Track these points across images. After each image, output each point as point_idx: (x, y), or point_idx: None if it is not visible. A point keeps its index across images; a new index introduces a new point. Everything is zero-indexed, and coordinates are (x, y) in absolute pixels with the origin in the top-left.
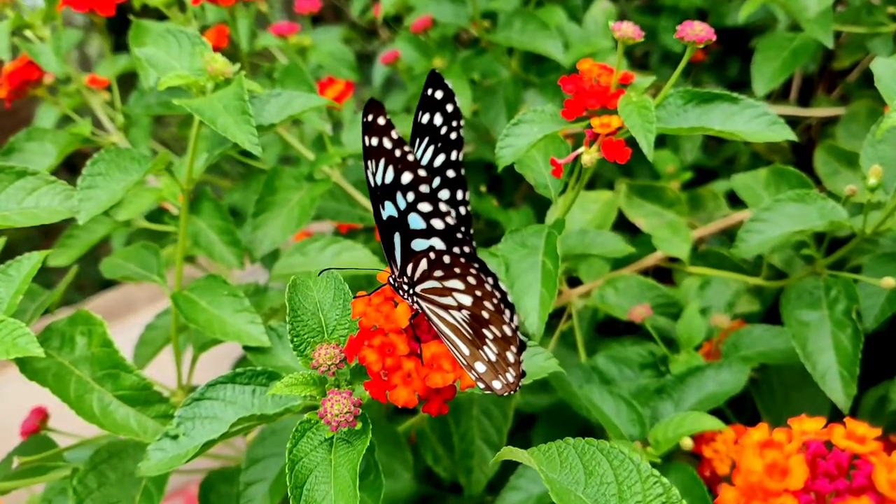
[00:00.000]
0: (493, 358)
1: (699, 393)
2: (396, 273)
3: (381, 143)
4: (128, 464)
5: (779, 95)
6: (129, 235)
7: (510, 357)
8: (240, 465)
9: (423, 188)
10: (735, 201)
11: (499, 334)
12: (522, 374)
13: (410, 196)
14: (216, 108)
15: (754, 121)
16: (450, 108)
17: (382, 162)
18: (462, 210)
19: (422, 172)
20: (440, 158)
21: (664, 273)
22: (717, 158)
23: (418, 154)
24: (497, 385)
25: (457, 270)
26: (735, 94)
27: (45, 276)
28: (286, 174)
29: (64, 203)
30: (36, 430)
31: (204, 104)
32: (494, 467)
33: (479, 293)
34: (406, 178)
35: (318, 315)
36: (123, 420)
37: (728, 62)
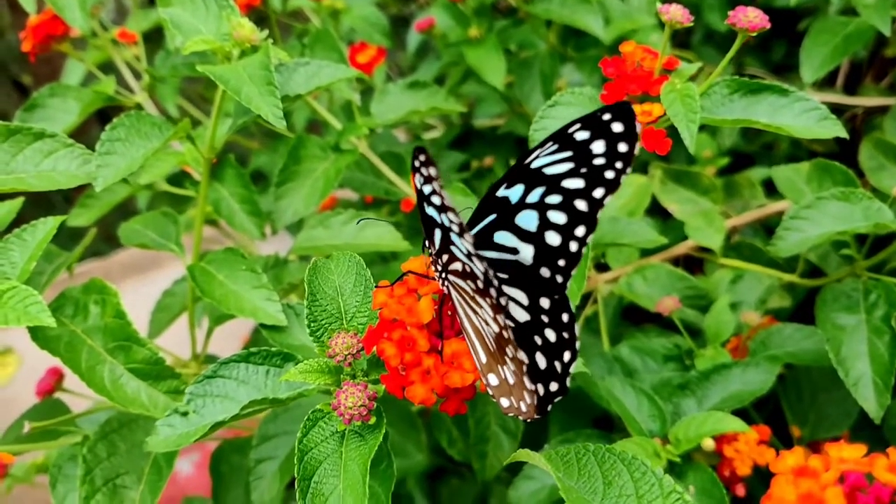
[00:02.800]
0: (511, 380)
1: (723, 391)
2: (434, 250)
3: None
4: (138, 434)
5: (824, 82)
6: (152, 197)
7: (528, 384)
8: (252, 436)
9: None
10: (772, 190)
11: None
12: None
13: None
14: (241, 76)
15: (804, 115)
16: (623, 147)
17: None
18: (573, 246)
19: (457, 240)
20: (576, 183)
21: (695, 262)
22: (756, 144)
23: (543, 160)
24: (522, 406)
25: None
26: (785, 86)
27: (72, 230)
28: (312, 143)
29: (81, 168)
30: (51, 390)
31: (228, 72)
32: (509, 454)
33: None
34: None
35: (337, 300)
36: (134, 394)
37: (773, 45)
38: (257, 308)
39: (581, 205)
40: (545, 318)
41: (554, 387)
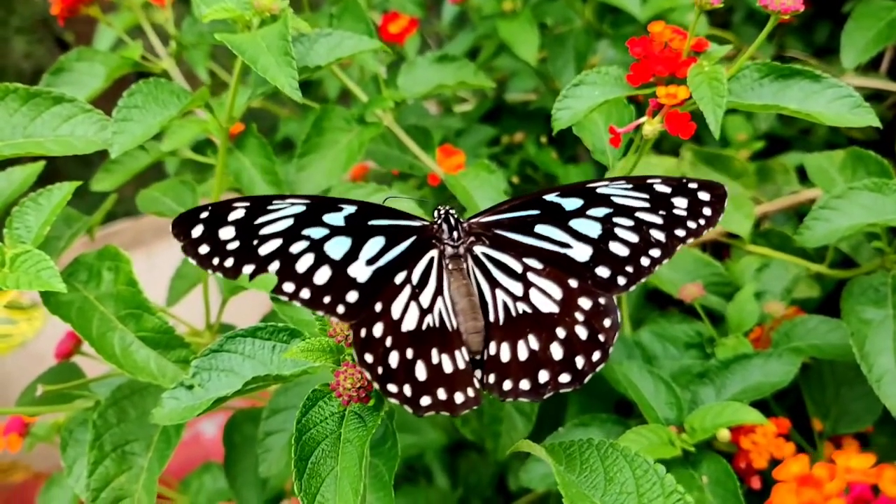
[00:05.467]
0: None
1: (743, 382)
2: None
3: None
4: (149, 402)
5: (867, 66)
6: (180, 164)
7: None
8: None
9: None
10: (806, 176)
11: None
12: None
13: None
14: (259, 46)
15: (836, 102)
16: (707, 212)
17: None
18: (645, 261)
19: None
20: (652, 218)
21: (723, 246)
22: (793, 128)
23: (613, 190)
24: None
25: None
26: (817, 72)
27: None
28: (336, 115)
29: (99, 133)
30: (69, 353)
31: (246, 41)
32: (523, 435)
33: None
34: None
35: None
36: (143, 362)
37: (817, 26)
38: (268, 279)
39: (658, 235)
40: (579, 317)
41: (565, 378)
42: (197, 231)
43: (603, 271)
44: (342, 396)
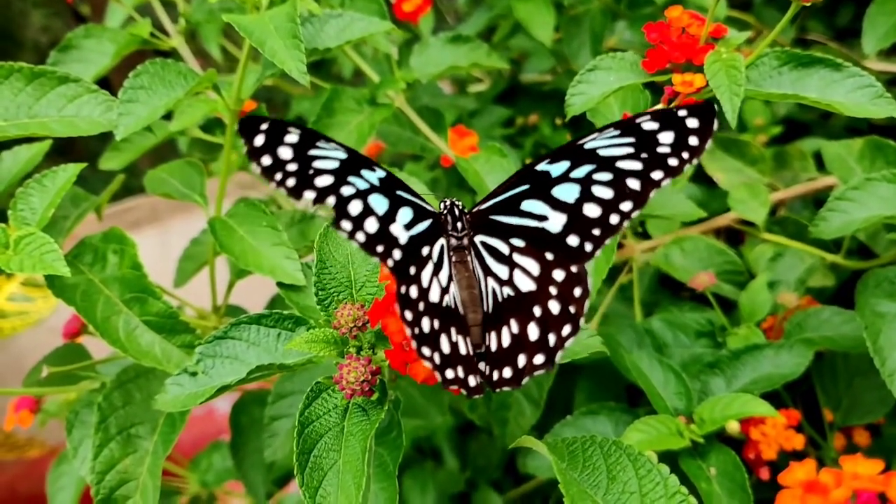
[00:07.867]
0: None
1: (754, 373)
2: None
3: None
4: (154, 385)
5: (890, 49)
6: (190, 143)
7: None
8: None
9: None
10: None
11: None
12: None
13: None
14: (267, 28)
15: (856, 92)
16: (693, 141)
17: None
18: (614, 219)
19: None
20: (633, 165)
21: (737, 233)
22: (813, 112)
23: (600, 142)
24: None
25: None
26: (838, 60)
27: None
28: (347, 96)
29: (104, 115)
30: (77, 332)
31: (254, 23)
32: (531, 421)
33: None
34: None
35: (348, 269)
36: (148, 346)
37: (839, 8)
38: (276, 266)
39: (634, 184)
40: (553, 290)
41: (539, 359)
42: (259, 140)
43: (573, 240)
44: (345, 390)
